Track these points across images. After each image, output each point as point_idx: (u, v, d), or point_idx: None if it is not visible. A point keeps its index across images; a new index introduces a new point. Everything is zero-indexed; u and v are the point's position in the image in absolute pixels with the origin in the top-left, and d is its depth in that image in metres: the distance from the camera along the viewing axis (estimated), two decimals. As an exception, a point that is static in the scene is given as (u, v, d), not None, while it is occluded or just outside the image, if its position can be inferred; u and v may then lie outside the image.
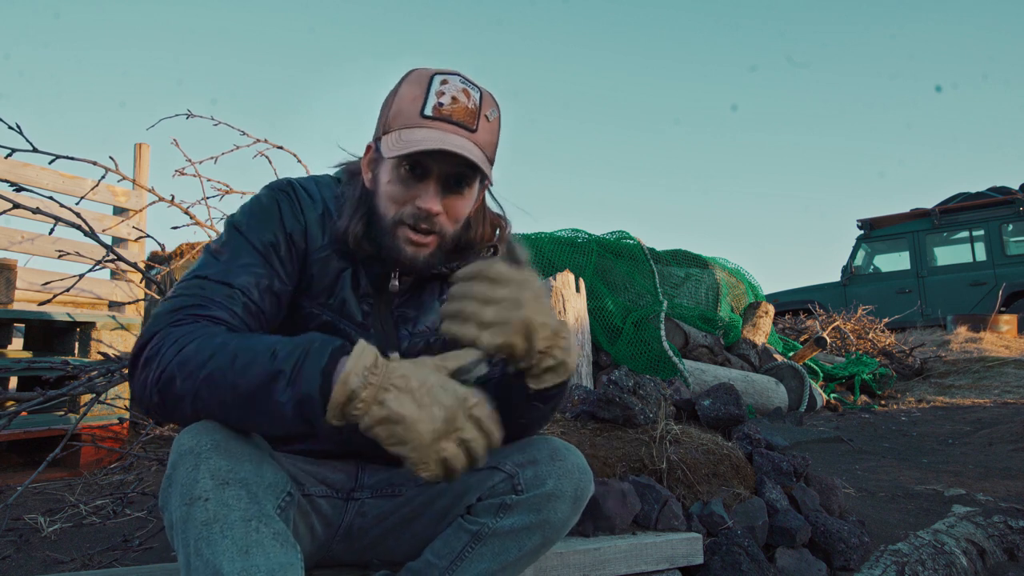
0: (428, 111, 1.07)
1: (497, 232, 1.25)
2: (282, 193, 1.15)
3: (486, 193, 1.23)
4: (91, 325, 3.38)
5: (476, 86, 1.12)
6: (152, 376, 0.93)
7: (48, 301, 2.46)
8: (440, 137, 1.05)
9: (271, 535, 0.87)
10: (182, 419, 0.95)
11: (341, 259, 1.17)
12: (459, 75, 1.11)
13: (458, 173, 1.10)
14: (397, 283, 1.19)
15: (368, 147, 1.17)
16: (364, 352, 0.87)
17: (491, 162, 1.14)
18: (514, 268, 0.98)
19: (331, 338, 0.92)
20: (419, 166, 1.08)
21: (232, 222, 1.13)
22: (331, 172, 1.26)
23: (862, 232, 10.59)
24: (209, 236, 2.99)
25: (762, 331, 5.05)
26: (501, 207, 1.26)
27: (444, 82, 1.09)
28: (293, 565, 0.87)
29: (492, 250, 1.24)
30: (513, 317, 0.95)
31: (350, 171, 1.21)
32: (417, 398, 0.85)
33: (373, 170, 1.15)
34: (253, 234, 1.10)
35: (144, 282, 3.70)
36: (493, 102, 1.14)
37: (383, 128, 1.11)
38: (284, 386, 0.87)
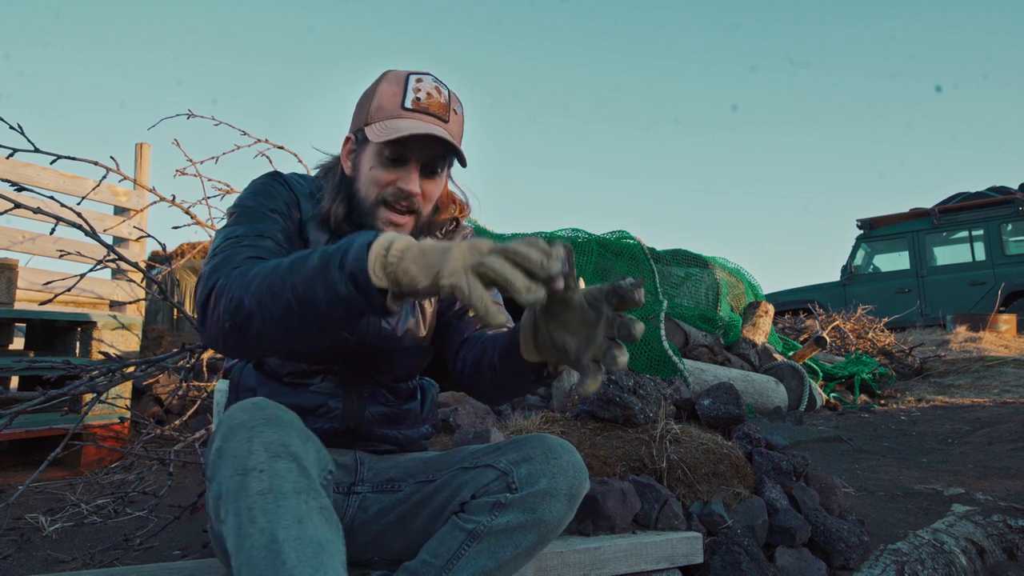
0: (408, 103, 1.21)
1: (458, 211, 1.38)
2: (272, 178, 1.28)
3: (448, 179, 1.36)
4: (92, 325, 3.39)
5: (445, 85, 1.26)
6: (223, 305, 1.00)
7: (49, 301, 2.47)
8: (421, 125, 1.19)
9: (318, 509, 0.91)
10: (251, 340, 1.00)
11: (320, 231, 1.28)
12: (430, 75, 1.26)
13: (434, 159, 1.23)
14: None
15: (347, 139, 1.29)
16: (389, 234, 0.93)
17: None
18: None
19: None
20: (400, 153, 1.21)
21: (236, 203, 1.24)
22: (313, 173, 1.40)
23: (862, 232, 10.60)
24: (210, 236, 3.00)
25: (762, 331, 5.05)
26: (463, 193, 1.39)
27: (419, 80, 1.23)
28: (336, 541, 0.91)
29: (454, 223, 1.37)
30: None
31: (326, 167, 1.34)
32: (442, 243, 0.90)
33: (353, 159, 1.27)
34: (261, 205, 1.21)
35: (145, 282, 3.70)
36: (458, 100, 1.29)
37: (365, 120, 1.23)
38: (336, 266, 0.92)
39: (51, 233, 2.11)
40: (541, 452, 1.15)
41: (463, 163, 1.26)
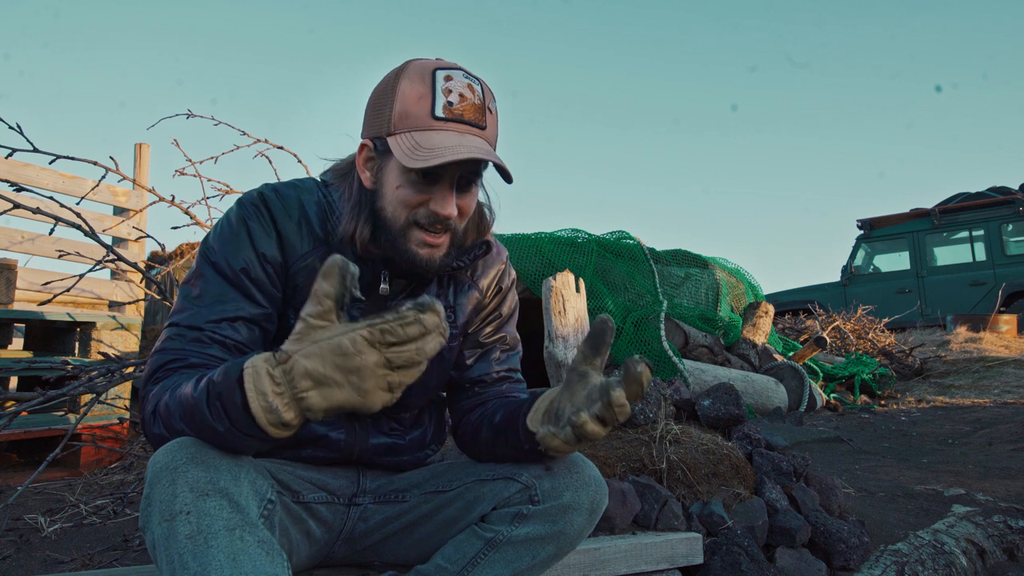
0: (439, 111, 1.04)
1: (484, 222, 1.25)
2: (252, 208, 1.12)
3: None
4: (91, 325, 3.38)
5: (476, 78, 1.09)
6: (151, 436, 1.01)
7: (48, 301, 2.47)
8: (459, 141, 1.03)
9: (256, 543, 0.87)
10: None
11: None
12: (460, 68, 1.08)
13: (471, 174, 1.09)
14: (387, 287, 1.17)
15: (362, 145, 1.12)
16: (257, 374, 0.85)
17: None
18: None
19: (230, 368, 0.90)
20: (433, 170, 1.05)
21: (204, 248, 1.12)
22: (317, 177, 1.24)
23: (862, 232, 10.60)
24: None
25: (762, 331, 5.05)
26: (488, 195, 1.25)
27: (448, 78, 1.06)
28: (279, 574, 0.87)
29: (484, 247, 1.23)
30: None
31: (339, 172, 1.19)
32: (332, 381, 0.82)
33: (372, 169, 1.11)
34: (223, 262, 1.09)
35: (144, 282, 3.70)
36: (492, 93, 1.13)
37: (387, 128, 1.07)
38: (242, 437, 0.90)
39: (50, 233, 2.11)
40: (564, 466, 1.15)
41: (508, 179, 1.10)
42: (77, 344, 3.41)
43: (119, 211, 4.59)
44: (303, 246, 1.13)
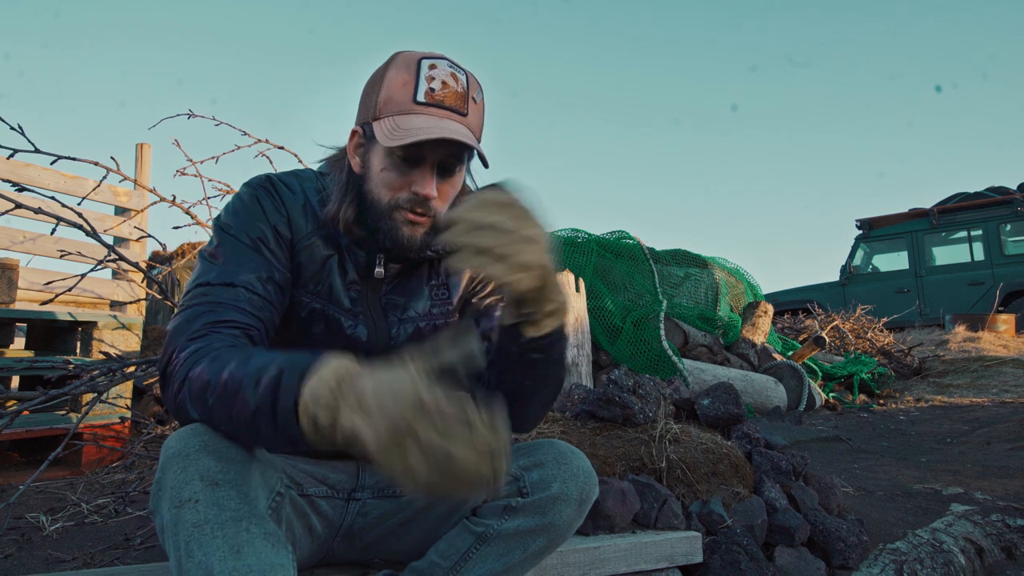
0: (420, 97, 1.08)
1: None
2: (261, 189, 1.17)
3: (467, 174, 1.25)
4: (93, 325, 3.39)
5: (462, 69, 1.13)
6: (170, 398, 0.97)
7: (50, 301, 2.47)
8: (436, 124, 1.06)
9: (262, 535, 0.87)
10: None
11: (326, 246, 1.18)
12: (446, 59, 1.12)
13: (451, 158, 1.12)
14: (382, 270, 1.20)
15: (353, 132, 1.17)
16: (325, 373, 0.83)
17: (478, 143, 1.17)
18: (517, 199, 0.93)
19: (304, 359, 0.87)
20: (414, 153, 1.09)
21: (219, 224, 1.15)
22: (314, 167, 1.28)
23: (861, 232, 10.61)
24: (210, 236, 2.99)
25: (761, 330, 5.06)
26: (476, 186, 1.27)
27: (433, 67, 1.10)
28: (284, 566, 0.87)
29: None
30: (538, 259, 0.91)
31: (333, 160, 1.23)
32: (367, 410, 0.78)
33: (361, 155, 1.16)
34: (241, 232, 1.12)
35: (146, 282, 3.71)
36: (478, 84, 1.15)
37: (373, 114, 1.12)
38: (269, 422, 0.86)
39: (52, 233, 2.11)
40: (553, 458, 1.15)
41: (484, 164, 1.14)
42: (79, 343, 3.42)
43: (120, 211, 4.60)
44: (307, 227, 1.17)
